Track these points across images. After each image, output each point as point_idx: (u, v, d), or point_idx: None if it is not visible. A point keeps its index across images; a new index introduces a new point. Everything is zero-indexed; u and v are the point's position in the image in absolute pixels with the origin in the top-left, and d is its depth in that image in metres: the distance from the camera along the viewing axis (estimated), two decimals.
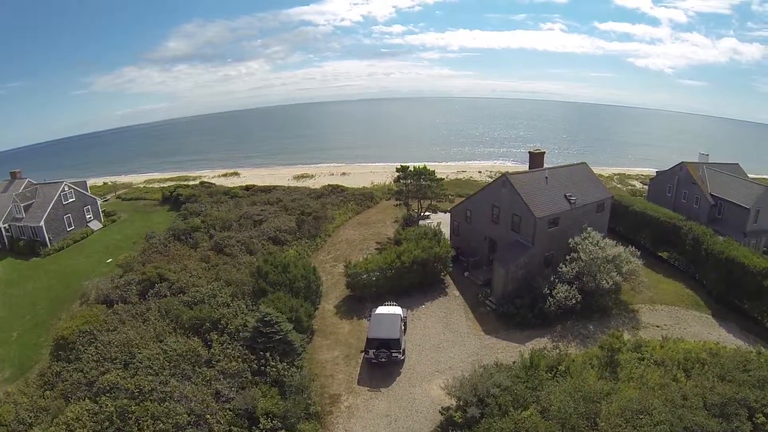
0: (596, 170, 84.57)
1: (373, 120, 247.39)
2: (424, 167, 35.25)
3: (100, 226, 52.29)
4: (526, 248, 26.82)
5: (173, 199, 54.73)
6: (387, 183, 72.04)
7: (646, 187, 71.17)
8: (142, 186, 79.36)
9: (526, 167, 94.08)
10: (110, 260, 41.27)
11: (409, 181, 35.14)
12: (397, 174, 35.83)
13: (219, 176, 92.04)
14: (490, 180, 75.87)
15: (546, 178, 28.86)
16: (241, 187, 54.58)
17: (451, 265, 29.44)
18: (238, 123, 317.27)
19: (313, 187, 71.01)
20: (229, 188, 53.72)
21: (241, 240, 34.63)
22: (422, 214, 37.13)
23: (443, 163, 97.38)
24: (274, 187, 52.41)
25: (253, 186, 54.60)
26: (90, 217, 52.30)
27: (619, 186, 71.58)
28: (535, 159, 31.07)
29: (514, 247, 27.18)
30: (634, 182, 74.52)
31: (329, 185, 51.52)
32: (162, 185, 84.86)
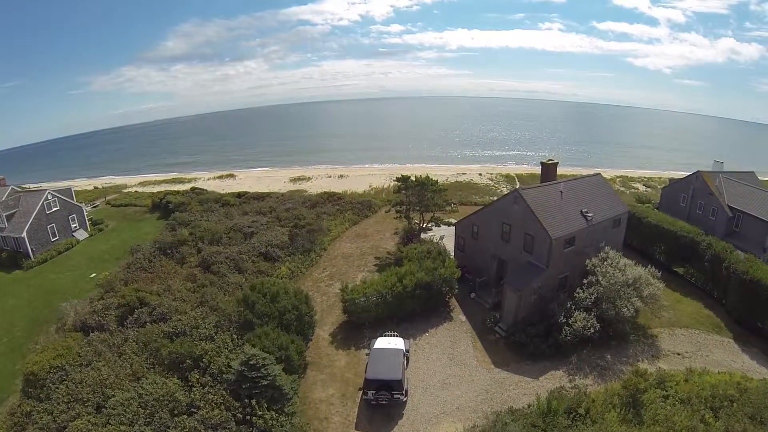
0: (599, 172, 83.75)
1: (371, 120, 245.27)
2: (427, 177, 32.88)
3: (86, 235, 49.95)
4: (540, 271, 24.65)
5: (163, 206, 52.39)
6: (386, 186, 69.58)
7: (650, 190, 69.59)
8: (133, 191, 76.96)
9: (527, 168, 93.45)
10: (94, 275, 39.01)
11: (410, 192, 32.81)
12: (398, 184, 33.48)
13: (214, 178, 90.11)
14: (491, 183, 74.92)
15: (561, 192, 26.68)
16: (233, 195, 52.21)
17: (456, 287, 27.23)
18: (237, 122, 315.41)
19: (309, 191, 68.71)
20: (220, 195, 51.33)
21: (230, 256, 32.31)
22: (424, 226, 34.80)
23: (442, 165, 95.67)
24: (268, 195, 50.04)
25: (246, 193, 52.19)
26: (75, 227, 49.92)
27: (622, 189, 69.67)
28: (548, 170, 28.84)
29: (527, 270, 25.00)
30: (638, 185, 72.65)
31: (325, 192, 49.21)
32: (156, 188, 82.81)
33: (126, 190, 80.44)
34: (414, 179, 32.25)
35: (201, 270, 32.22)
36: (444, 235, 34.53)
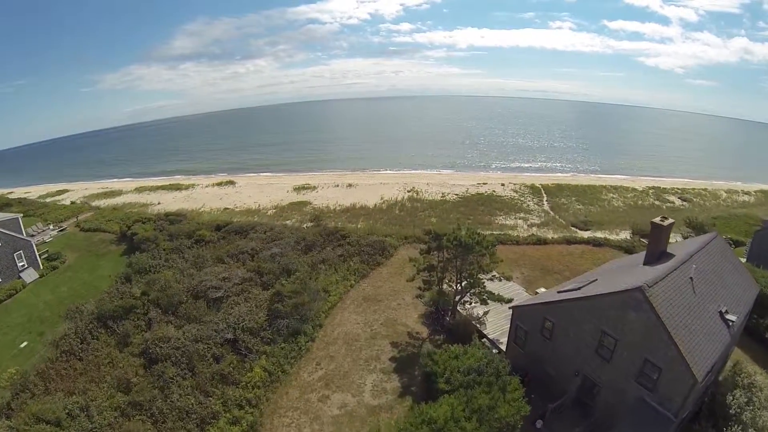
0: (627, 183, 72.44)
1: (381, 120, 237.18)
2: (472, 233, 21.67)
3: (36, 276, 40.82)
4: (666, 423, 14.61)
5: (129, 237, 43.13)
6: (399, 199, 61.15)
7: (687, 204, 59.59)
8: (112, 206, 68.81)
9: (551, 177, 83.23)
10: (25, 344, 29.99)
11: (445, 255, 22.58)
12: (426, 243, 23.15)
13: (213, 185, 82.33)
14: (515, 195, 64.17)
15: (691, 280, 16.53)
16: (211, 225, 42.22)
17: (521, 425, 17.23)
18: (246, 122, 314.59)
19: (313, 203, 60.86)
20: (195, 227, 41.14)
21: (183, 347, 22.52)
22: (460, 299, 24.27)
23: (459, 173, 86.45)
24: (253, 228, 39.89)
25: (228, 224, 42.10)
26: (23, 265, 40.83)
27: (657, 203, 59.84)
28: (660, 234, 18.41)
29: (643, 421, 14.95)
30: (672, 198, 63.00)
31: (325, 228, 38.75)
32: (151, 195, 76.62)
33: (112, 201, 74.77)
34: (453, 237, 21.77)
35: (143, 363, 22.70)
36: (489, 310, 24.54)
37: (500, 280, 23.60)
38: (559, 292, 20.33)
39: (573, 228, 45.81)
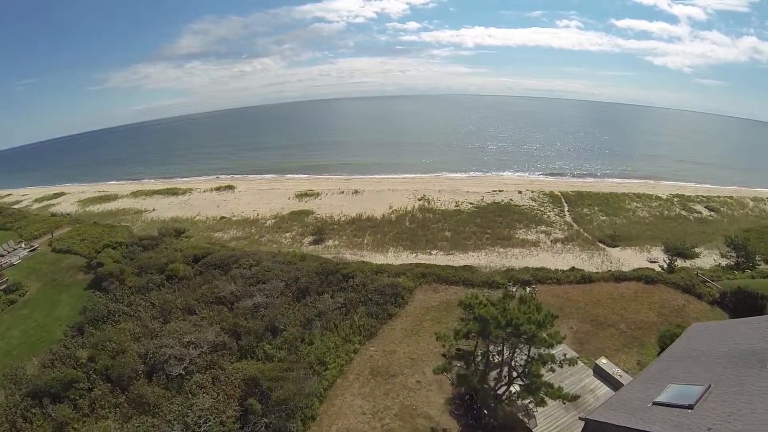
0: (649, 189, 62.38)
1: (388, 120, 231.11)
2: (527, 311, 14.85)
3: None
4: None
5: (95, 266, 36.90)
6: (410, 209, 55.96)
7: (715, 215, 53.65)
8: (90, 224, 62.25)
9: (569, 182, 76.70)
10: None
11: (487, 337, 15.79)
12: (463, 319, 16.17)
13: (211, 190, 78.26)
14: (534, 204, 57.32)
15: None
16: (188, 256, 35.39)
17: None
18: (252, 121, 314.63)
19: (316, 213, 56.97)
20: (169, 257, 34.50)
21: None
22: (506, 387, 17.42)
23: (473, 178, 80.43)
24: (237, 261, 33.08)
25: (208, 253, 35.31)
26: None
27: (684, 213, 54.02)
28: None
29: None
30: (699, 207, 56.93)
31: (323, 263, 31.91)
32: (146, 200, 73.22)
33: (106, 206, 72.13)
34: (505, 322, 14.57)
35: None
36: (538, 409, 17.79)
37: (561, 366, 16.85)
38: (655, 403, 13.76)
39: (600, 244, 42.07)
